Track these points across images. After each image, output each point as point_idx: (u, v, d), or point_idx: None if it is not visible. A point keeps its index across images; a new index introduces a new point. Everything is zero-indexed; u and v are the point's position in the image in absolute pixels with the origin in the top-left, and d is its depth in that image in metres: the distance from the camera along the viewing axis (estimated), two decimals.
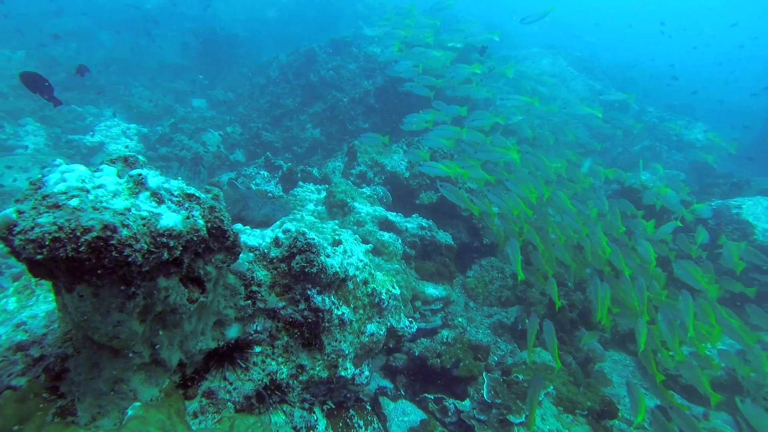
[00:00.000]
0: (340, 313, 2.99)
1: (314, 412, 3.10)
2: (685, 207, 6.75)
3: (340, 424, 3.32)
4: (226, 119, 13.34)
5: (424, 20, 8.78)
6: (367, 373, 3.36)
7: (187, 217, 2.01)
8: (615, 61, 21.77)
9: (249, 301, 2.74)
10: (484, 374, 4.62)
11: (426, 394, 4.63)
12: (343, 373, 3.07)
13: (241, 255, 2.80)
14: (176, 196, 2.07)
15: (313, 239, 2.84)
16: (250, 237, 2.98)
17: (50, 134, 8.50)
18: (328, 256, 2.90)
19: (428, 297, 5.54)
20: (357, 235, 4.76)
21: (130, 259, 1.65)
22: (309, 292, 2.84)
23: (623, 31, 37.75)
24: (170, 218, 1.83)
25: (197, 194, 2.21)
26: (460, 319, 5.78)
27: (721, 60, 25.10)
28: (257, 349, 2.84)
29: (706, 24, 41.21)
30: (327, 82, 11.90)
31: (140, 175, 1.93)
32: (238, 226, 3.41)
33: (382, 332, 3.35)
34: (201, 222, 2.08)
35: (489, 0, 29.85)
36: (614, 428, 4.84)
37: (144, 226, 1.74)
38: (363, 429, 3.46)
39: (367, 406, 3.65)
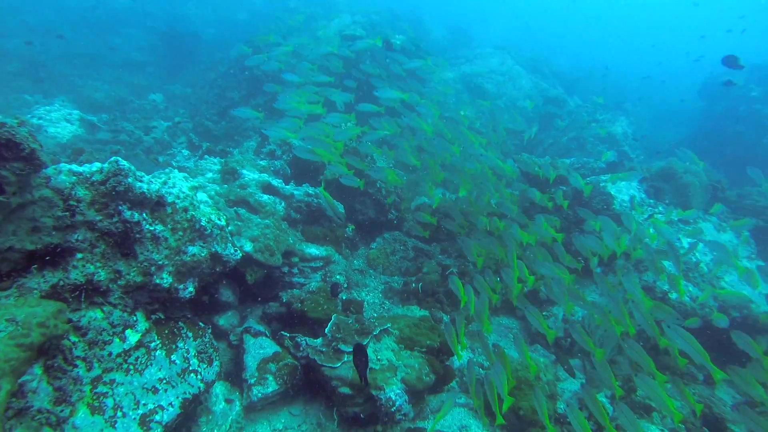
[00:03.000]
0: (152, 228, 3.61)
1: (135, 315, 3.70)
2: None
3: (166, 331, 3.91)
4: (179, 111, 13.95)
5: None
6: (191, 288, 3.97)
7: None
8: (569, 64, 22.72)
9: (67, 213, 3.35)
10: (333, 315, 5.20)
11: (283, 332, 5.22)
12: (158, 281, 3.68)
13: (63, 177, 3.42)
14: None
15: (125, 165, 3.46)
16: (81, 167, 3.59)
17: None
18: (139, 180, 3.53)
19: (307, 255, 6.14)
20: (222, 192, 5.39)
21: None
22: (120, 207, 3.45)
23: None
24: None
25: None
26: (338, 277, 6.39)
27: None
28: (79, 255, 3.44)
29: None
30: (269, 75, 12.55)
31: None
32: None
33: (203, 254, 3.97)
34: None
35: (454, 4, 30.94)
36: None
37: None
38: (191, 340, 4.06)
39: (200, 323, 4.24)
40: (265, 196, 5.98)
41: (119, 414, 3.21)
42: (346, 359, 4.59)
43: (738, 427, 4.41)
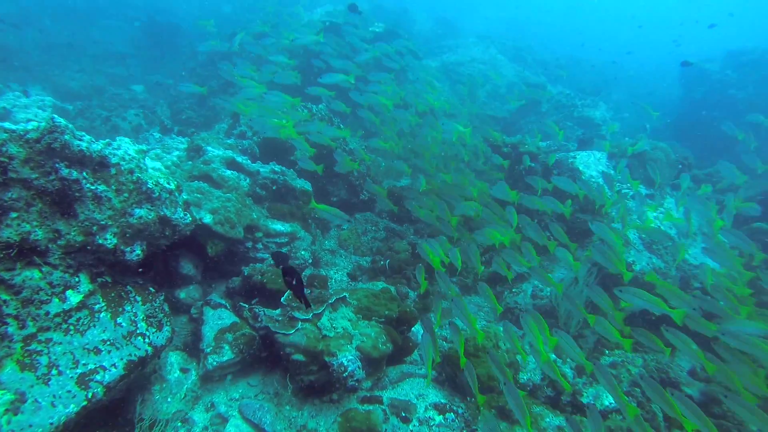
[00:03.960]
0: (94, 188, 3.56)
1: (78, 277, 3.66)
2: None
3: (113, 294, 3.86)
4: (159, 101, 13.83)
5: None
6: (138, 251, 3.92)
7: None
8: (557, 53, 22.81)
9: None
10: None
11: (242, 304, 5.19)
12: (101, 242, 3.63)
13: None
14: None
15: (61, 122, 3.41)
16: (15, 125, 3.53)
17: None
18: (78, 139, 3.48)
19: (272, 231, 6.11)
20: (186, 168, 5.34)
21: None
22: (57, 165, 3.41)
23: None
24: None
25: None
26: (302, 252, 6.36)
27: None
28: (13, 214, 3.38)
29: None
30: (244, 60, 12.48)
31: None
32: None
33: (151, 216, 3.92)
34: None
35: None
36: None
37: None
38: (140, 304, 4.01)
39: (151, 288, 4.20)
40: (228, 172, 5.94)
41: (54, 372, 3.16)
42: (299, 326, 4.56)
43: (691, 389, 4.44)
